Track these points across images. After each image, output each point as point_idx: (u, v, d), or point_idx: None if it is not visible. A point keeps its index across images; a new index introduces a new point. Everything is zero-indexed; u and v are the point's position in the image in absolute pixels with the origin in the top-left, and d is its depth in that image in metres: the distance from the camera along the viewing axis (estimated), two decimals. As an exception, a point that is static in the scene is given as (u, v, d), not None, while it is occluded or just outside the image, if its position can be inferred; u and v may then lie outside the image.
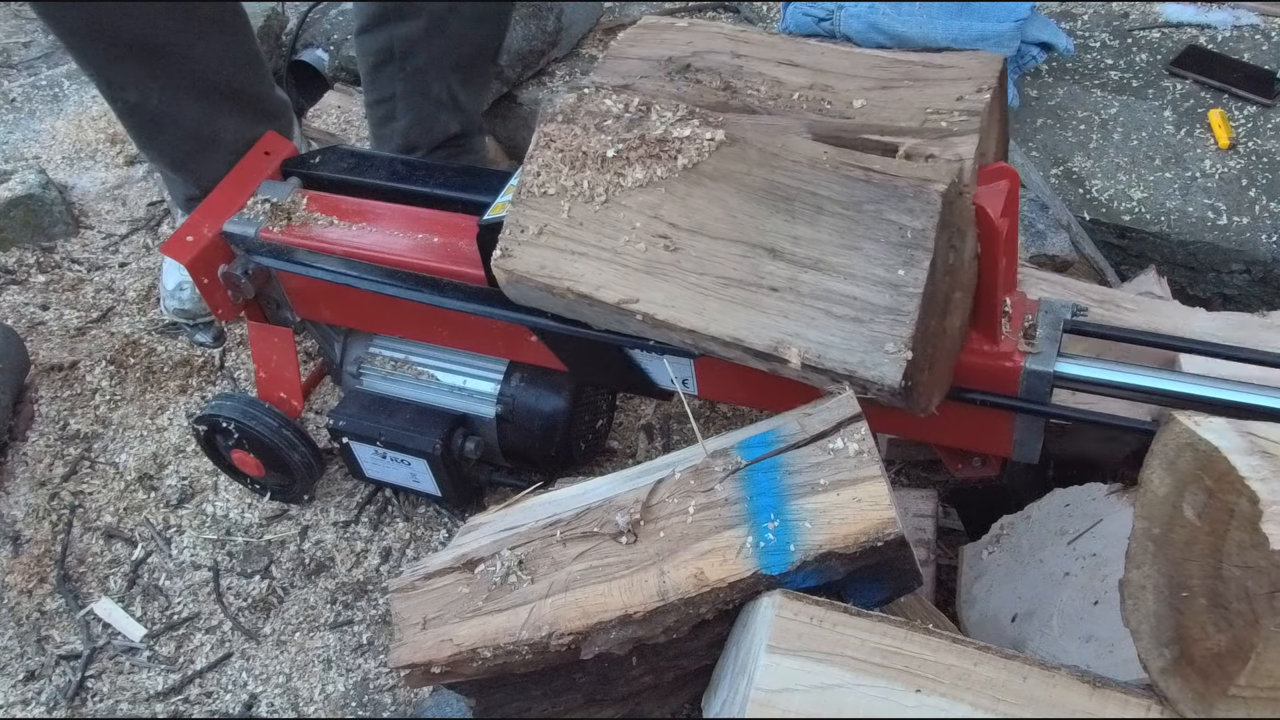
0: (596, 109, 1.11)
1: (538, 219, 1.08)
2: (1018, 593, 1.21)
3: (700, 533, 0.95)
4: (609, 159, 1.07)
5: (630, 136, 1.07)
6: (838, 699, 0.84)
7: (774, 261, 1.01)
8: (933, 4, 1.86)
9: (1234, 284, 1.72)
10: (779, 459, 0.96)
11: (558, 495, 1.10)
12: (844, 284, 0.98)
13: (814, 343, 0.98)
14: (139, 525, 1.65)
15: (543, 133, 1.11)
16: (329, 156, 1.51)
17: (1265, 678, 0.77)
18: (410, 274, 1.35)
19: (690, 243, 1.03)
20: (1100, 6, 2.14)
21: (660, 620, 0.94)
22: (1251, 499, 0.75)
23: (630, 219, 1.06)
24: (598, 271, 1.05)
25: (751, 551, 0.92)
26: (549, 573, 0.99)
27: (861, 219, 0.99)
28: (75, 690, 1.46)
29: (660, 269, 1.03)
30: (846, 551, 0.90)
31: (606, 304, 1.04)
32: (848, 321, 0.97)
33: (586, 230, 1.06)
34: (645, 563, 0.96)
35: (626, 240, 1.05)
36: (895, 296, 0.96)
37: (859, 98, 1.12)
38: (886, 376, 0.94)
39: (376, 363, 1.54)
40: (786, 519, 0.92)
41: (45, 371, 1.85)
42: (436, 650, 1.00)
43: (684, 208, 1.04)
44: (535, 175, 1.09)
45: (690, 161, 1.06)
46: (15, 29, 2.67)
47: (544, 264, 1.06)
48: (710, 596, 0.93)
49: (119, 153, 2.27)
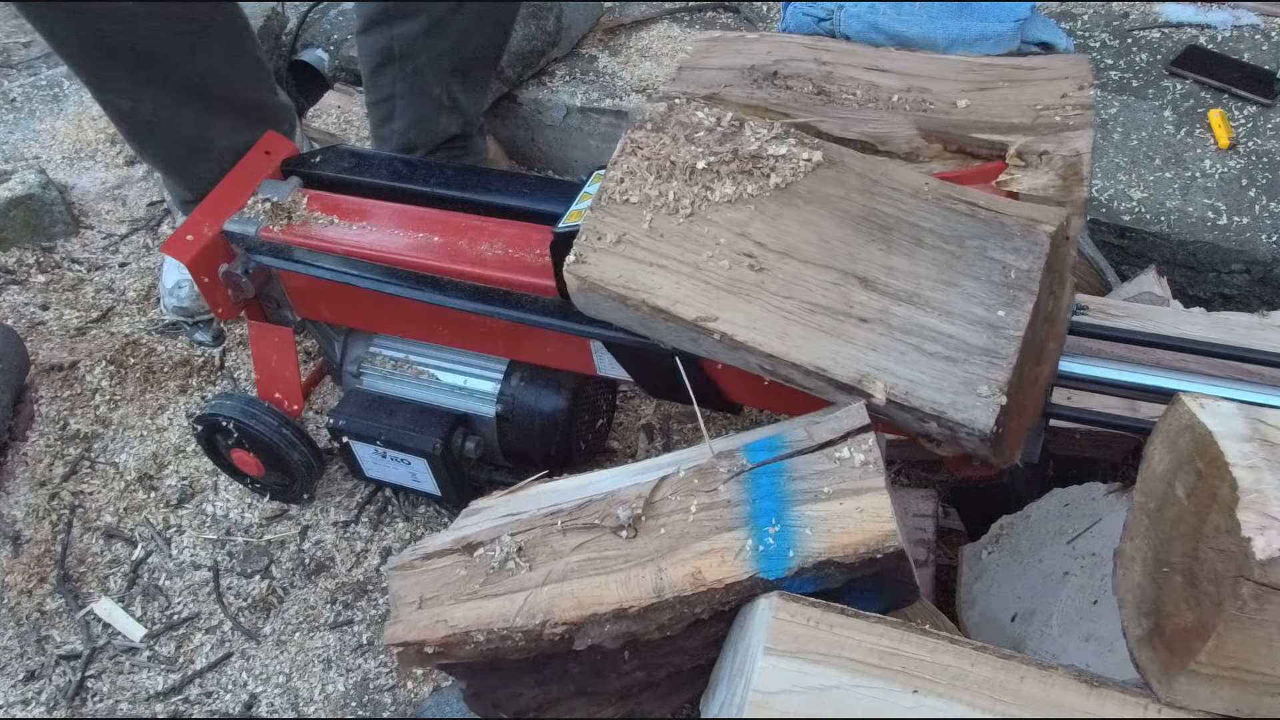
0: (688, 120, 1.08)
1: (617, 227, 1.05)
2: (1017, 593, 1.21)
3: (700, 532, 0.95)
4: (698, 171, 1.04)
5: (723, 150, 1.04)
6: (835, 700, 0.84)
7: (866, 291, 0.97)
8: (933, 4, 1.86)
9: (1234, 284, 1.72)
10: (784, 464, 0.96)
11: (561, 485, 1.10)
12: (939, 320, 0.95)
13: (902, 379, 0.94)
14: (139, 525, 1.65)
15: (629, 139, 1.08)
16: (329, 156, 1.51)
17: (1225, 658, 0.80)
18: (411, 273, 1.35)
19: (777, 264, 1.00)
20: (1100, 6, 2.14)
21: (655, 617, 0.94)
22: (1232, 485, 0.76)
23: (715, 235, 1.02)
24: (676, 285, 1.01)
25: (750, 554, 0.92)
26: (547, 561, 0.99)
27: (963, 255, 0.96)
28: (75, 690, 1.46)
29: (743, 289, 1.00)
30: (845, 561, 0.89)
31: (683, 320, 1.00)
32: (940, 360, 0.94)
33: (668, 242, 1.03)
34: (644, 558, 0.96)
35: (709, 256, 1.01)
36: (993, 338, 0.93)
37: (961, 98, 1.10)
38: (978, 421, 0.91)
39: (376, 362, 1.54)
40: (787, 524, 0.92)
41: (45, 371, 1.85)
42: (430, 630, 1.00)
43: (774, 228, 1.01)
44: (619, 182, 1.06)
45: (784, 181, 1.02)
46: (15, 29, 2.67)
47: (620, 273, 1.02)
48: (706, 597, 0.93)
49: (119, 153, 2.27)
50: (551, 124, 2.13)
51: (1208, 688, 0.83)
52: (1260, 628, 0.78)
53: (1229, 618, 0.77)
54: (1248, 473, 0.77)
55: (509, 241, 1.33)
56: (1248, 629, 0.79)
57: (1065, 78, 1.11)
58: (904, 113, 1.10)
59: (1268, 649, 0.80)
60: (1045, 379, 1.04)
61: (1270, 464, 0.78)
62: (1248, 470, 0.77)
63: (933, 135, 1.04)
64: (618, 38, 2.23)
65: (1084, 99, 1.06)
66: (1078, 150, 1.01)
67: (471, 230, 1.35)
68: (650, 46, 2.20)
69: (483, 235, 1.34)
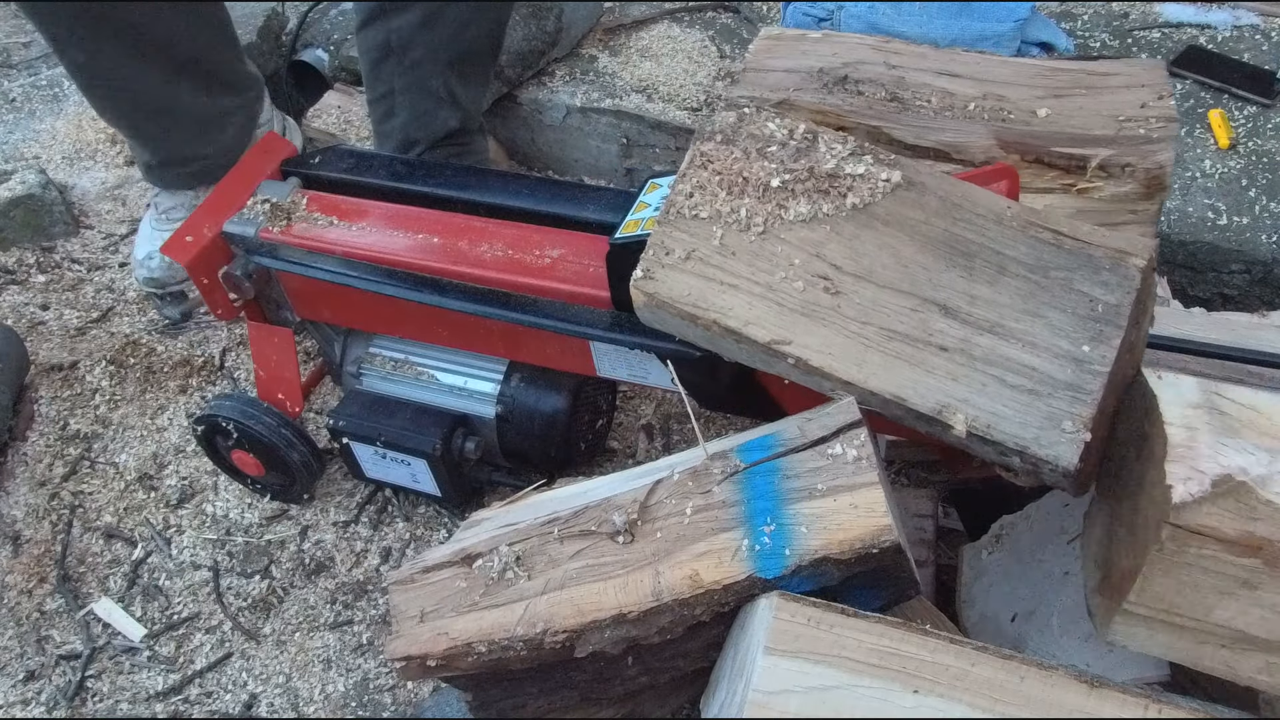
0: (759, 132, 1.05)
1: (686, 243, 1.02)
2: (1018, 592, 1.21)
3: (697, 534, 0.95)
4: (772, 188, 1.01)
5: (798, 168, 1.02)
6: (835, 700, 0.84)
7: (946, 319, 0.95)
8: (933, 4, 1.86)
9: (1234, 284, 1.72)
10: (778, 463, 0.96)
11: (558, 494, 1.10)
12: (1022, 352, 0.93)
13: (984, 411, 0.92)
14: (139, 525, 1.65)
15: (699, 151, 1.05)
16: (329, 156, 1.51)
17: (1154, 599, 0.87)
18: (410, 274, 1.35)
19: (854, 288, 0.98)
20: (1100, 6, 2.14)
21: (654, 620, 0.94)
22: (1164, 440, 0.83)
23: (789, 255, 0.99)
24: (749, 306, 0.99)
25: (747, 555, 0.92)
26: (546, 570, 0.99)
27: (1048, 285, 0.94)
28: (75, 690, 1.46)
29: (818, 312, 0.97)
30: (842, 557, 0.89)
31: (756, 342, 0.98)
32: (1023, 393, 0.92)
33: (739, 261, 1.00)
34: (641, 563, 0.96)
35: (783, 277, 0.99)
36: (1078, 372, 0.91)
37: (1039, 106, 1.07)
38: (1062, 457, 0.89)
39: (376, 363, 1.54)
40: (783, 523, 0.92)
41: (45, 371, 1.85)
42: (432, 643, 1.00)
43: (850, 250, 0.99)
44: (688, 195, 1.03)
45: (861, 201, 1.00)
46: (15, 29, 2.67)
47: (689, 291, 1.00)
48: (705, 598, 0.92)
49: (119, 153, 2.27)
50: (551, 124, 2.14)
51: (1144, 629, 0.89)
52: (1183, 571, 0.85)
53: (1153, 559, 0.84)
54: (1182, 431, 0.83)
55: (509, 242, 1.33)
56: (1171, 571, 0.85)
57: (1142, 85, 1.08)
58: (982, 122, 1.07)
59: (1194, 593, 0.86)
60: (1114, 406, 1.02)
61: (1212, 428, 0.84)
62: (1183, 429, 0.83)
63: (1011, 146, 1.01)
64: (618, 38, 2.23)
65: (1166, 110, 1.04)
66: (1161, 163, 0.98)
67: (472, 231, 1.35)
68: (650, 46, 2.20)
69: (483, 236, 1.34)
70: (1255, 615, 0.87)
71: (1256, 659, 0.88)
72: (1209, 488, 0.81)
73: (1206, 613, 0.87)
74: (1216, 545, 0.83)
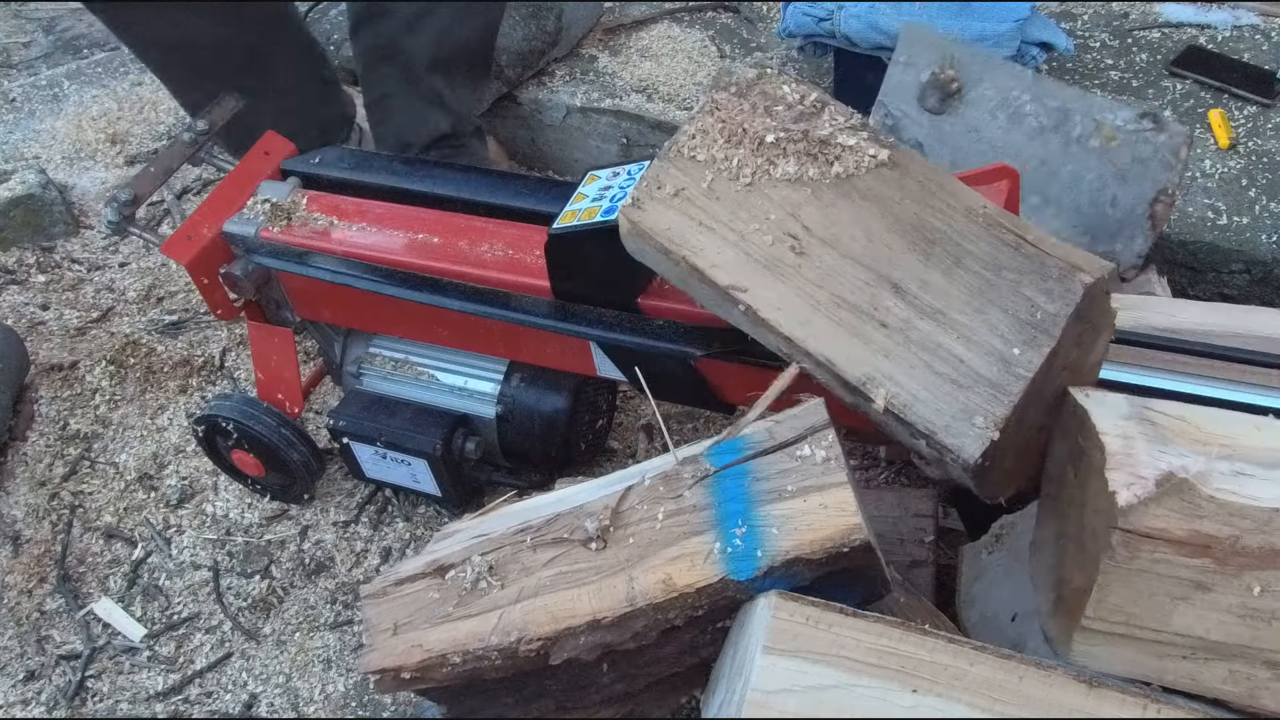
0: (772, 92, 1.08)
1: (678, 180, 1.05)
2: (1018, 593, 1.20)
3: (669, 539, 0.95)
4: (766, 143, 1.04)
5: (795, 129, 1.05)
6: (834, 699, 0.84)
7: (895, 298, 0.97)
8: (933, 4, 1.86)
9: (1234, 284, 1.72)
10: (747, 465, 0.96)
11: (531, 503, 1.10)
12: (957, 343, 0.95)
13: (905, 391, 0.94)
14: (139, 525, 1.65)
15: (712, 99, 1.08)
16: (328, 156, 1.51)
17: (1111, 611, 0.87)
18: (410, 274, 1.35)
19: (819, 252, 1.00)
20: (1100, 6, 2.14)
21: (629, 625, 0.94)
22: (1101, 450, 0.85)
23: (767, 209, 1.02)
24: (718, 250, 1.02)
25: (719, 557, 0.92)
26: (519, 578, 0.99)
27: (997, 284, 0.96)
28: (75, 690, 1.46)
29: (780, 267, 1.00)
30: (813, 557, 0.90)
31: (716, 284, 1.01)
32: (946, 381, 0.94)
33: (721, 206, 1.03)
34: (614, 568, 0.96)
35: (756, 229, 1.02)
36: (1003, 373, 0.92)
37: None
38: (965, 450, 0.91)
39: (376, 363, 1.54)
40: (754, 525, 0.92)
41: (45, 371, 1.85)
42: (406, 656, 1.00)
43: (824, 216, 1.01)
44: (690, 137, 1.06)
45: (845, 171, 1.02)
46: (15, 29, 2.68)
47: (670, 226, 1.03)
48: (679, 602, 0.93)
49: (119, 153, 2.28)
50: (551, 124, 2.14)
51: (1105, 647, 0.89)
52: (1138, 578, 0.85)
53: (1107, 569, 0.85)
54: (1118, 440, 0.85)
55: (509, 242, 1.33)
56: (1126, 580, 0.86)
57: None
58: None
59: (1150, 600, 0.86)
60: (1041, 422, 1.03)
61: (1146, 437, 0.86)
62: (1119, 438, 0.85)
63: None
64: (618, 38, 2.23)
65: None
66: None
67: (471, 231, 1.36)
68: (650, 46, 2.20)
69: (483, 236, 1.34)
70: (1213, 619, 0.87)
71: (1219, 669, 0.89)
72: (1153, 488, 0.83)
73: (1164, 621, 0.87)
74: (1167, 547, 0.84)
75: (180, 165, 1.51)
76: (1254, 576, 0.85)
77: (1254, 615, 0.86)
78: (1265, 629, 0.86)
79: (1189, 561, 0.85)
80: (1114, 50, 2.03)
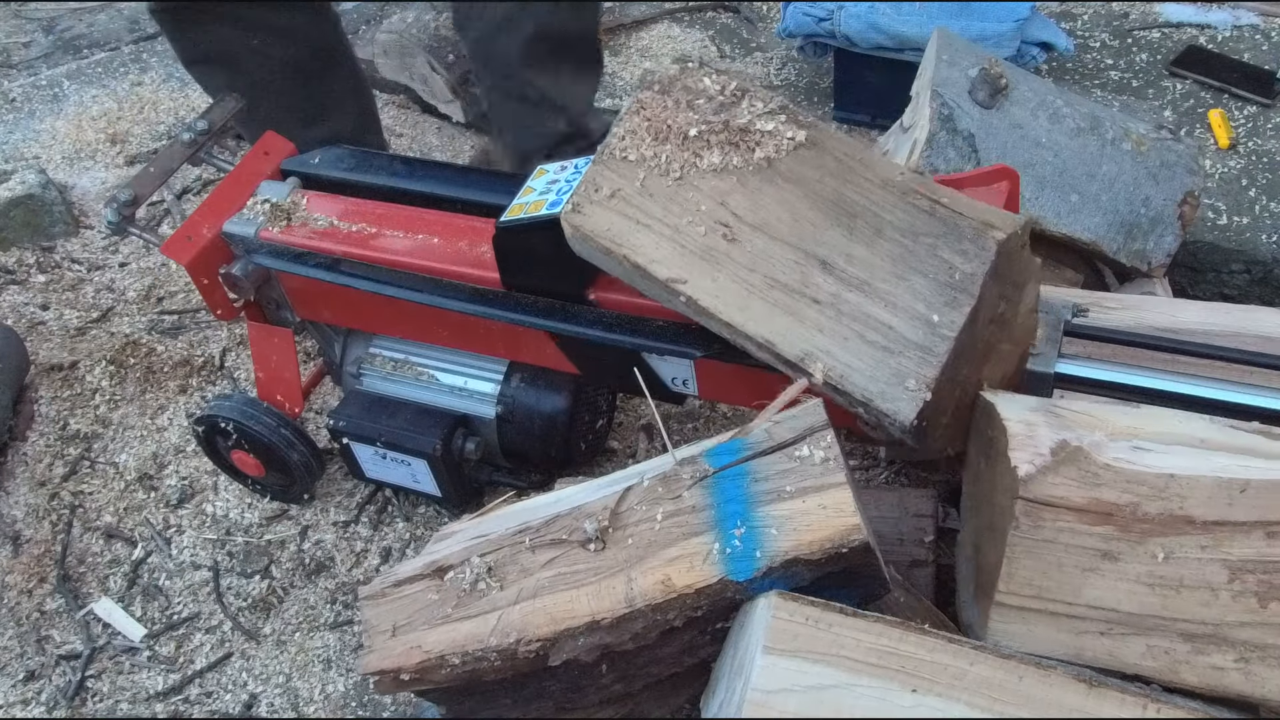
0: (694, 86, 1.12)
1: (613, 181, 1.09)
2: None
3: (668, 539, 0.96)
4: (690, 138, 1.08)
5: (715, 120, 1.08)
6: (834, 699, 0.84)
7: (824, 274, 1.01)
8: (933, 4, 1.86)
9: (1234, 284, 1.72)
10: (746, 466, 0.97)
11: (529, 504, 1.11)
12: (884, 311, 0.98)
13: (840, 363, 0.98)
14: (139, 525, 1.65)
15: (638, 99, 1.12)
16: (328, 156, 1.51)
17: (1023, 585, 0.90)
18: (410, 274, 1.35)
19: (750, 237, 1.04)
20: (1100, 6, 2.15)
21: (628, 626, 0.95)
22: (1004, 433, 0.89)
23: (698, 201, 1.06)
24: (656, 246, 1.06)
25: (718, 558, 0.93)
26: (518, 579, 1.00)
27: (916, 250, 0.99)
28: (75, 690, 1.46)
29: (715, 257, 1.04)
30: (812, 558, 0.90)
31: (656, 279, 1.05)
32: (878, 349, 0.97)
33: (655, 203, 1.07)
34: (613, 569, 0.96)
35: (689, 221, 1.06)
36: (929, 335, 0.96)
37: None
38: (901, 413, 0.94)
39: (376, 363, 1.54)
40: (753, 526, 0.93)
41: (45, 371, 1.85)
42: (405, 657, 1.00)
43: (752, 202, 1.05)
44: (620, 139, 1.10)
45: (766, 157, 1.07)
46: (15, 29, 2.68)
47: (610, 227, 1.07)
48: (677, 603, 0.93)
49: (119, 153, 2.28)
50: (551, 124, 2.13)
51: (1021, 624, 0.91)
52: (1045, 549, 0.88)
53: (1014, 541, 0.88)
54: (1021, 425, 0.89)
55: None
56: (1034, 551, 0.89)
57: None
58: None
59: (1060, 572, 0.89)
60: (998, 380, 1.07)
61: (1050, 425, 0.90)
62: (1021, 424, 0.89)
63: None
64: (618, 38, 2.23)
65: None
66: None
67: (471, 231, 1.35)
68: (650, 46, 2.20)
69: (483, 237, 1.34)
70: (1123, 589, 0.89)
71: (1136, 644, 0.90)
72: (1049, 457, 0.87)
73: (1076, 593, 0.89)
74: (1070, 515, 0.87)
75: (180, 165, 1.51)
76: (1157, 543, 0.88)
77: (1162, 583, 0.88)
78: (1174, 597, 0.88)
79: (1093, 529, 0.88)
80: (1114, 50, 2.03)
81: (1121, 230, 1.48)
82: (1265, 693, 0.87)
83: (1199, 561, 0.87)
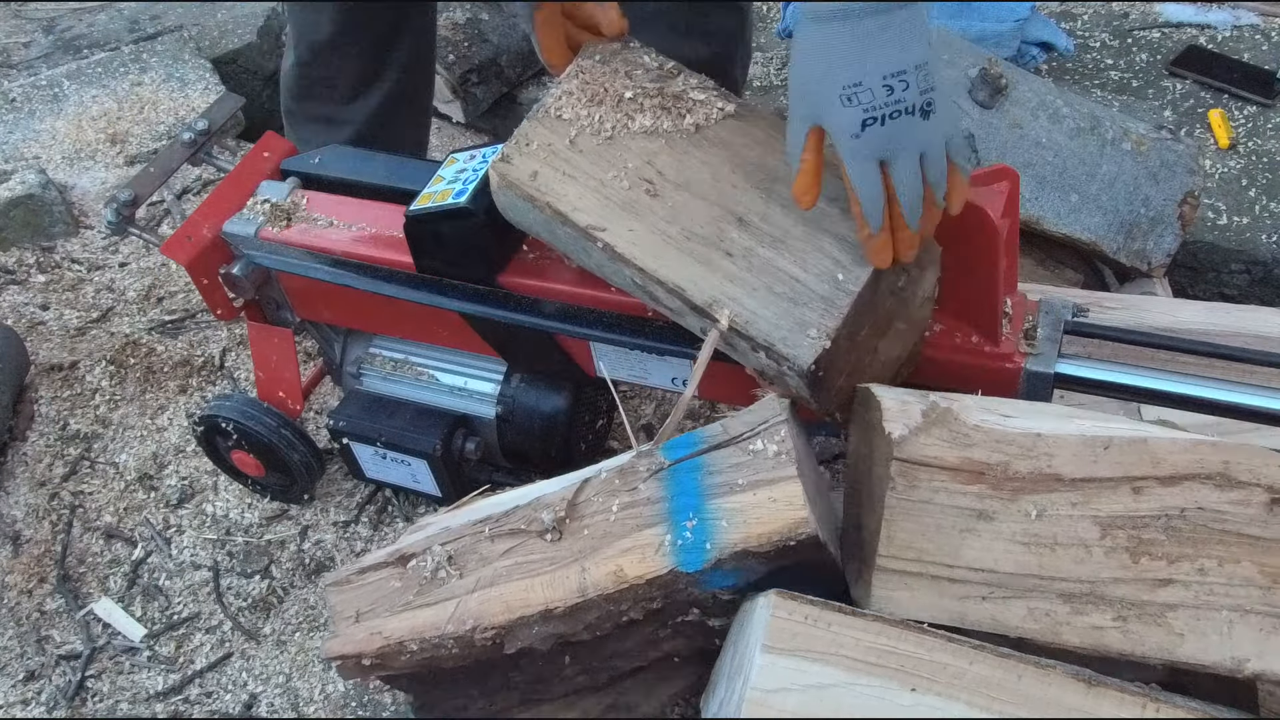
0: (634, 59, 1.16)
1: (545, 136, 1.12)
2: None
3: (622, 531, 0.97)
4: (625, 100, 1.12)
5: (650, 87, 1.13)
6: (833, 698, 0.84)
7: (739, 230, 1.05)
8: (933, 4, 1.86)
9: (1234, 284, 1.72)
10: (701, 459, 0.99)
11: (500, 497, 1.13)
12: (794, 267, 1.02)
13: (747, 310, 1.01)
14: (139, 525, 1.65)
15: (578, 65, 1.16)
16: (328, 156, 1.51)
17: (902, 548, 0.91)
18: (410, 274, 1.35)
19: (672, 194, 1.08)
20: (1100, 6, 2.15)
21: (581, 616, 0.97)
22: (879, 409, 0.92)
23: (625, 159, 1.10)
24: (580, 195, 1.09)
25: (669, 549, 0.94)
26: (476, 568, 1.02)
27: (829, 213, 1.03)
28: (75, 690, 1.47)
29: (636, 208, 1.07)
30: (761, 550, 0.92)
31: (577, 225, 1.08)
32: (785, 300, 1.00)
33: (584, 157, 1.11)
34: (568, 559, 0.98)
35: (614, 176, 1.09)
36: (834, 289, 1.00)
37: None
38: (800, 357, 0.97)
39: (376, 363, 1.54)
40: (704, 518, 0.95)
41: (45, 371, 1.85)
42: (366, 642, 1.02)
43: (677, 163, 1.09)
44: (557, 99, 1.14)
45: (696, 123, 1.11)
46: (15, 29, 2.68)
47: (535, 174, 1.10)
48: (630, 594, 0.95)
49: (119, 153, 2.28)
50: (551, 124, 2.13)
51: (904, 590, 0.92)
52: (922, 510, 0.90)
53: (892, 504, 0.90)
54: (895, 403, 0.93)
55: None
56: (911, 513, 0.91)
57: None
58: None
59: (938, 534, 0.90)
60: (896, 359, 1.10)
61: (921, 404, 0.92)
62: (895, 402, 0.93)
63: None
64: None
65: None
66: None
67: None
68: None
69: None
70: (1000, 549, 0.90)
71: (1018, 607, 0.90)
72: (920, 419, 0.90)
73: (955, 555, 0.90)
74: (943, 474, 0.89)
75: (180, 165, 1.51)
76: (1030, 501, 0.89)
77: (1037, 541, 0.89)
78: (1050, 555, 0.89)
79: (967, 489, 0.89)
80: (1114, 50, 2.04)
81: (1121, 230, 1.49)
82: (1145, 650, 0.88)
83: (1070, 519, 0.89)
